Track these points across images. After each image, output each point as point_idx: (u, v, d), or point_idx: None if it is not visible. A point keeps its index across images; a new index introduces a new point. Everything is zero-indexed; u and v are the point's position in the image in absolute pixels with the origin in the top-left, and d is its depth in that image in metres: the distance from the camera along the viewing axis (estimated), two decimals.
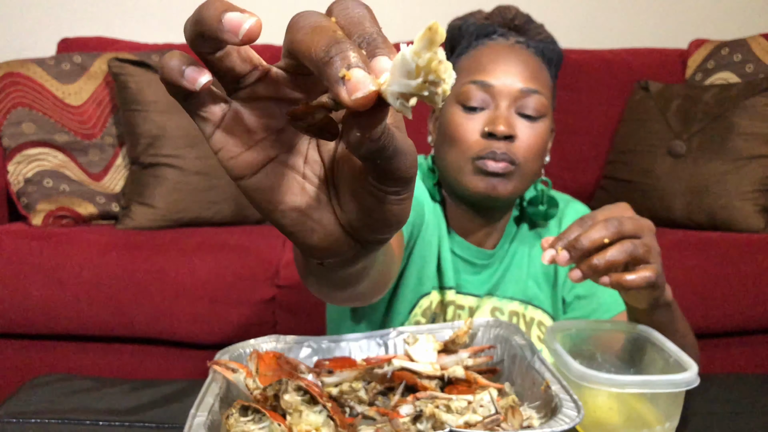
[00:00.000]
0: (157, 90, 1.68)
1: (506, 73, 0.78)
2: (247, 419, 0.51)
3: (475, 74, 0.79)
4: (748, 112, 1.65)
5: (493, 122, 0.77)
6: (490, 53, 0.80)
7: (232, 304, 1.42)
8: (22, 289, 1.40)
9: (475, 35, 0.83)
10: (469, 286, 0.90)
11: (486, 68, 0.79)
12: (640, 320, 0.72)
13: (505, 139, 0.77)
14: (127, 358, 1.47)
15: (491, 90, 0.78)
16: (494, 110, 0.78)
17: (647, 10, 2.29)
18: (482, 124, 0.78)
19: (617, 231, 0.61)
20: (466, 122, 0.79)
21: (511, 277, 0.90)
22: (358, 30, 0.27)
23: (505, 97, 0.78)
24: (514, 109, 0.79)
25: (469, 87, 0.79)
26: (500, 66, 0.78)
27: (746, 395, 0.74)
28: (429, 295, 0.87)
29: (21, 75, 1.72)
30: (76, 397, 0.70)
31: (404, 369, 0.59)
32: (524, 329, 0.88)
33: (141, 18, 2.17)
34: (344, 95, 0.25)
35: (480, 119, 0.79)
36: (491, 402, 0.54)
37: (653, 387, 0.56)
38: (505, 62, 0.79)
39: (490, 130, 0.77)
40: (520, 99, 0.78)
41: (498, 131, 0.76)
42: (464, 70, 0.81)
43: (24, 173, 1.67)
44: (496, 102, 0.78)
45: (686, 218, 1.67)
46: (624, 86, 1.97)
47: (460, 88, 0.80)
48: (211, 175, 1.68)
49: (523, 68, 0.79)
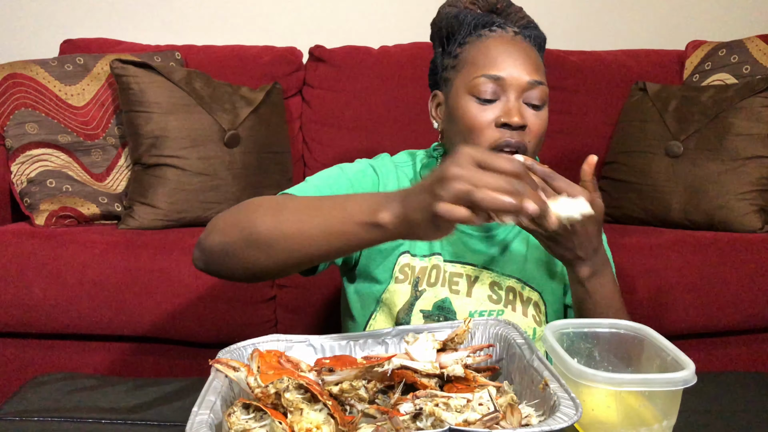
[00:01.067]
0: (159, 91, 1.69)
1: (514, 66, 0.86)
2: (249, 417, 0.52)
3: (485, 68, 0.86)
4: (745, 112, 1.65)
5: (507, 114, 0.85)
6: (496, 46, 0.87)
7: (233, 304, 1.42)
8: (25, 288, 1.40)
9: (473, 25, 0.89)
10: (467, 255, 0.94)
11: (496, 62, 0.86)
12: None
13: (518, 129, 0.85)
14: (129, 357, 1.48)
15: (502, 82, 0.85)
16: (506, 102, 0.86)
17: (645, 12, 2.30)
18: (496, 114, 0.86)
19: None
20: (481, 113, 0.86)
21: (511, 256, 0.95)
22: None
23: (514, 89, 0.86)
24: (522, 100, 0.86)
25: (482, 80, 0.86)
26: (508, 60, 0.86)
27: (743, 394, 0.75)
28: (406, 255, 0.92)
29: (24, 76, 1.73)
30: (78, 395, 0.71)
31: (404, 367, 0.60)
32: (520, 307, 0.92)
33: (143, 19, 2.18)
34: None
35: (493, 110, 0.86)
36: (490, 400, 0.55)
37: (651, 385, 0.56)
38: (512, 56, 0.86)
39: (506, 120, 0.84)
40: (528, 90, 0.86)
41: (513, 122, 0.84)
42: (472, 62, 0.88)
43: (27, 173, 1.67)
44: (506, 93, 0.86)
45: (684, 218, 1.67)
46: (622, 87, 1.97)
47: (472, 81, 0.86)
48: (213, 175, 1.69)
49: (527, 60, 0.86)
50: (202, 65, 1.91)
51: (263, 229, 0.68)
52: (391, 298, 0.92)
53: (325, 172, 0.92)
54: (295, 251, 0.67)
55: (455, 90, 0.89)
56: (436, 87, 0.96)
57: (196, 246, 0.77)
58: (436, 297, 0.91)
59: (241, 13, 2.21)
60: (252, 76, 1.92)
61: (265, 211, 0.70)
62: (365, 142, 1.95)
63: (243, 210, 0.73)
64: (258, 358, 0.59)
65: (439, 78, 0.95)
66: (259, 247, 0.68)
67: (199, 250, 0.76)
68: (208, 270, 0.77)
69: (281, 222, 0.67)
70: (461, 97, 0.88)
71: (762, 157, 1.63)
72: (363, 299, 0.95)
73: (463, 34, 0.90)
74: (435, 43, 0.97)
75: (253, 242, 0.68)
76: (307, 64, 2.05)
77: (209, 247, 0.74)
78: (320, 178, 0.90)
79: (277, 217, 0.68)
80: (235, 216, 0.73)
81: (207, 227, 0.76)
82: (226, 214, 0.75)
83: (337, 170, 0.92)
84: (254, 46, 2.03)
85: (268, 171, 1.79)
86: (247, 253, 0.69)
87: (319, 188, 0.87)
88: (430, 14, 0.97)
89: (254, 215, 0.70)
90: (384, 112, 1.97)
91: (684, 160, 1.69)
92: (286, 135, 1.88)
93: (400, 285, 0.92)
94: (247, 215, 0.71)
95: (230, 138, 1.72)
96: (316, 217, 0.65)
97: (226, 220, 0.73)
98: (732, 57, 1.88)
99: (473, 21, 0.89)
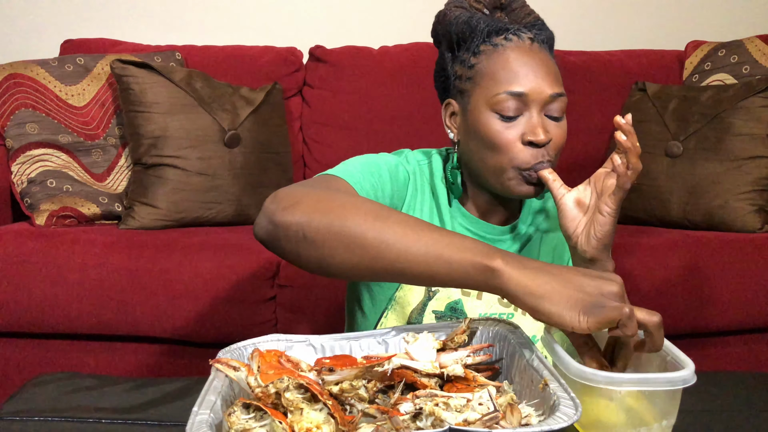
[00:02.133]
0: (160, 91, 1.69)
1: (535, 81, 0.84)
2: (249, 417, 0.52)
3: (507, 84, 0.84)
4: (744, 112, 1.66)
5: (533, 131, 0.84)
6: (516, 59, 0.85)
7: (233, 303, 1.42)
8: (26, 288, 1.40)
9: (486, 32, 0.86)
10: None
11: (517, 77, 0.84)
12: None
13: (544, 145, 0.85)
14: (130, 357, 1.48)
15: (525, 99, 0.84)
16: (529, 118, 0.85)
17: (644, 12, 2.30)
18: (520, 131, 0.85)
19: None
20: (506, 131, 0.85)
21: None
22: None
23: (537, 103, 0.85)
24: (543, 113, 0.85)
25: (504, 97, 0.84)
26: (529, 74, 0.84)
27: (742, 393, 0.75)
28: None
29: (24, 76, 1.73)
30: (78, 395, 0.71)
31: (404, 367, 0.60)
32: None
33: (144, 19, 2.18)
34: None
35: (517, 127, 0.85)
36: (490, 400, 0.55)
37: (651, 385, 0.56)
38: (532, 69, 0.85)
39: (532, 139, 0.83)
40: (549, 103, 0.85)
41: (539, 141, 0.83)
42: (492, 76, 0.85)
43: (27, 174, 1.67)
44: (529, 109, 0.85)
45: (683, 218, 1.68)
46: (621, 87, 1.97)
47: (494, 97, 0.85)
48: (213, 175, 1.69)
49: (546, 72, 0.85)
50: (202, 65, 1.92)
51: (360, 231, 0.64)
52: (405, 297, 0.91)
53: (363, 158, 0.88)
54: (387, 262, 0.64)
55: (475, 104, 0.87)
56: (447, 94, 0.93)
57: (265, 215, 0.70)
58: (449, 298, 0.91)
59: (241, 13, 2.21)
60: (252, 76, 1.93)
61: (365, 212, 0.66)
62: (365, 142, 1.95)
63: (336, 200, 0.68)
64: (258, 358, 0.59)
65: (451, 86, 0.92)
66: (348, 246, 0.65)
67: (270, 221, 0.69)
68: (271, 245, 0.70)
69: (383, 230, 0.64)
70: (482, 112, 0.86)
71: (761, 157, 1.63)
72: (374, 297, 0.95)
73: (476, 42, 0.87)
74: (442, 45, 0.93)
75: (343, 238, 0.65)
76: (307, 64, 2.05)
77: (285, 223, 0.67)
78: (362, 165, 0.85)
79: (379, 222, 0.65)
80: (327, 203, 0.67)
81: (284, 198, 0.69)
82: (311, 194, 0.70)
83: (377, 159, 0.89)
84: (254, 47, 2.03)
85: (268, 171, 1.79)
86: (330, 246, 0.65)
87: (363, 175, 0.83)
88: (429, 14, 0.95)
89: (352, 212, 0.66)
90: (384, 112, 1.97)
91: (683, 160, 1.69)
92: (286, 135, 1.88)
93: (411, 289, 0.91)
94: (344, 208, 0.66)
95: (230, 138, 1.72)
96: (424, 238, 0.63)
97: (315, 204, 0.67)
98: (732, 57, 1.88)
99: (486, 28, 0.86)
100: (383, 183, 0.86)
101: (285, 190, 0.71)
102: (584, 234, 0.83)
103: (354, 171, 0.83)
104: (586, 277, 0.60)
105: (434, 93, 0.97)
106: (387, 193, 0.87)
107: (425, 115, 1.94)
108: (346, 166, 0.85)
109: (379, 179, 0.85)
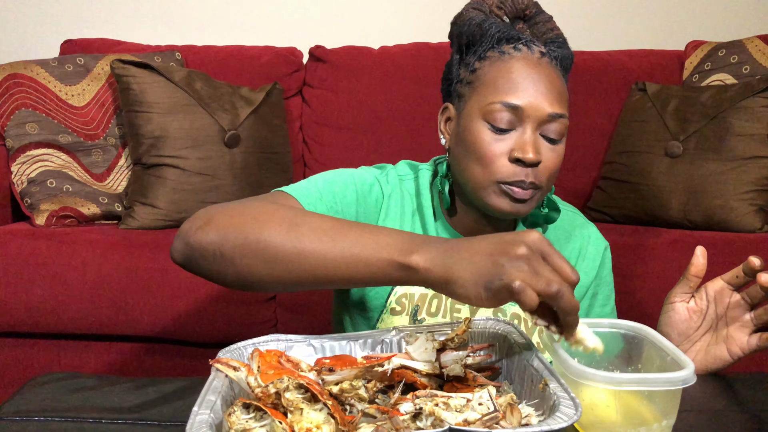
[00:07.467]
0: (160, 91, 1.69)
1: (535, 96, 0.78)
2: (249, 417, 0.52)
3: (504, 94, 0.79)
4: (744, 112, 1.66)
5: (522, 148, 0.78)
6: (519, 70, 0.79)
7: (233, 303, 1.42)
8: (26, 288, 1.41)
9: (497, 39, 0.81)
10: None
11: (516, 88, 0.79)
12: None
13: (532, 165, 0.79)
14: (129, 357, 1.48)
15: (520, 112, 0.79)
16: (521, 133, 0.79)
17: (644, 12, 2.30)
18: (509, 146, 0.79)
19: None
20: (494, 143, 0.79)
21: None
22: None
23: (532, 120, 0.79)
24: (539, 132, 0.80)
25: (498, 107, 0.79)
26: (530, 87, 0.79)
27: (743, 393, 0.75)
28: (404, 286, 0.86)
29: (24, 76, 1.73)
30: (78, 395, 0.71)
31: (404, 367, 0.60)
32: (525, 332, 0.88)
33: (144, 20, 2.18)
34: None
35: (507, 141, 0.79)
36: (490, 400, 0.55)
37: (651, 385, 0.56)
38: (534, 83, 0.79)
39: (520, 156, 0.78)
40: (547, 123, 0.79)
41: (527, 159, 0.78)
42: (491, 83, 0.80)
43: (27, 174, 1.67)
44: (523, 124, 0.79)
45: (683, 218, 1.68)
46: (621, 87, 1.97)
47: (488, 106, 0.79)
48: (213, 175, 1.69)
49: (550, 89, 0.79)
50: (202, 65, 1.92)
51: (275, 242, 0.62)
52: (391, 325, 0.86)
53: (330, 175, 0.84)
54: (306, 271, 0.62)
55: (468, 111, 0.82)
56: (449, 98, 0.88)
57: (180, 237, 0.68)
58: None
59: (241, 13, 2.21)
60: (252, 76, 1.93)
61: (279, 221, 0.64)
62: (365, 142, 1.95)
63: (249, 213, 0.66)
64: (258, 358, 0.59)
65: (452, 89, 0.87)
66: (265, 260, 0.63)
67: (184, 243, 0.67)
68: (189, 266, 0.69)
69: (298, 238, 0.62)
70: (474, 120, 0.81)
71: (761, 157, 1.63)
72: (357, 328, 0.91)
73: (484, 46, 0.82)
74: (453, 46, 0.88)
75: (259, 252, 0.63)
76: (307, 64, 2.05)
77: (199, 244, 0.65)
78: (325, 182, 0.82)
79: (294, 231, 0.63)
80: (240, 218, 0.66)
81: (197, 219, 0.68)
82: (225, 211, 0.67)
83: (345, 177, 0.84)
84: (254, 46, 2.03)
85: (268, 171, 1.79)
86: (247, 261, 0.64)
87: (322, 193, 0.80)
88: (430, 14, 0.95)
89: (266, 224, 0.64)
90: (384, 112, 1.97)
91: (683, 160, 1.69)
92: (286, 135, 1.88)
93: (396, 317, 0.87)
94: (257, 221, 0.64)
95: (230, 138, 1.72)
96: (340, 242, 0.61)
97: (228, 220, 0.66)
98: (732, 57, 1.88)
99: (497, 33, 0.81)
100: (345, 203, 0.82)
101: (203, 209, 0.69)
102: (703, 351, 0.81)
103: (310, 188, 0.80)
104: (492, 245, 0.57)
105: (434, 93, 0.96)
106: (350, 213, 0.82)
107: (425, 116, 1.94)
108: (306, 182, 0.81)
109: (341, 199, 0.81)
